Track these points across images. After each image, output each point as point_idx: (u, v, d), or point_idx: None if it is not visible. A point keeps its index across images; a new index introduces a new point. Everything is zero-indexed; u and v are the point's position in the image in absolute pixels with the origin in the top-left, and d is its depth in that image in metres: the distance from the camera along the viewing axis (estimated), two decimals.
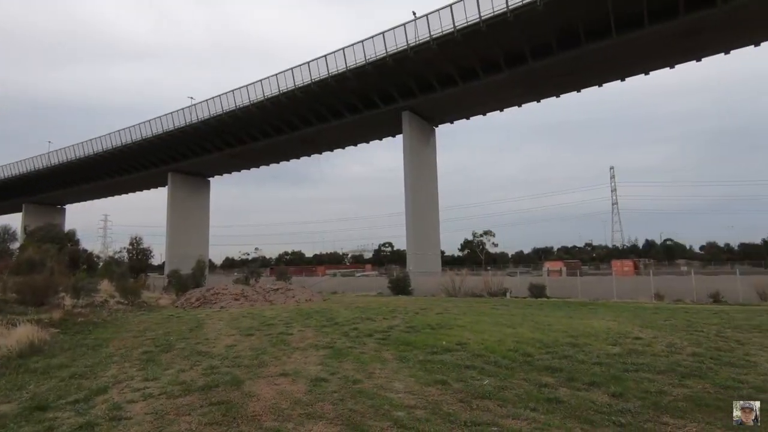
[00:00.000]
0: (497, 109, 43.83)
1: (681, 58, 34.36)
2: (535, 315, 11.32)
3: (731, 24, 29.24)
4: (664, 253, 72.85)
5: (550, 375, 5.24)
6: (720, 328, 8.65)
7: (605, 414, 3.87)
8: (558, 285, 26.08)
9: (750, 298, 18.10)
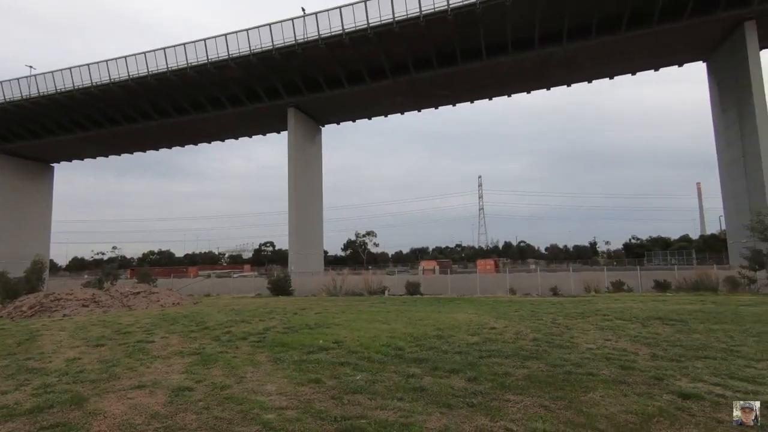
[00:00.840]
0: (382, 115, 45.49)
1: (535, 86, 39.87)
2: (409, 311, 12.04)
3: (571, 62, 34.92)
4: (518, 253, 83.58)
5: (418, 366, 5.63)
6: (555, 317, 10.26)
7: (461, 397, 4.31)
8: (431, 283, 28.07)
9: (579, 290, 21.77)
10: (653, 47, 32.96)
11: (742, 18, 29.08)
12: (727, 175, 33.03)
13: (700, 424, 3.55)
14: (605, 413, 3.83)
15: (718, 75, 33.47)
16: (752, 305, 11.97)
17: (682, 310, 11.13)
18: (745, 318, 9.37)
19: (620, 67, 36.62)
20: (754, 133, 29.05)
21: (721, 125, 33.45)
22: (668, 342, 6.95)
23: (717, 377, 4.89)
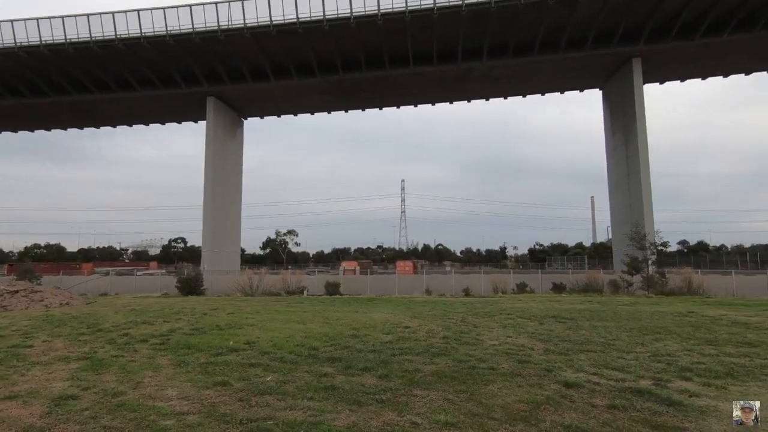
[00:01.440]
0: (308, 112, 44.81)
1: (457, 97, 41.95)
2: (327, 311, 11.99)
3: (489, 78, 37.33)
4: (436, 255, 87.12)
5: (331, 365, 5.64)
6: (465, 316, 10.88)
7: (371, 394, 4.40)
8: (351, 283, 28.20)
9: (489, 291, 23.29)
10: (559, 72, 36.43)
11: (631, 54, 33.28)
12: (614, 190, 37.54)
13: (578, 409, 4.01)
14: (501, 403, 4.16)
15: (611, 102, 37.95)
16: (628, 305, 13.73)
17: (573, 309, 12.42)
18: (621, 316, 10.72)
19: (531, 86, 39.93)
20: (636, 155, 33.38)
21: (611, 146, 37.95)
22: (559, 338, 7.72)
23: (595, 368, 5.55)
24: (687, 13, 29.74)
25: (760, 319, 9.98)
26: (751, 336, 7.82)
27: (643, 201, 32.36)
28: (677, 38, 31.57)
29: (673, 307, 12.65)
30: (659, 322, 9.65)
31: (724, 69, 36.60)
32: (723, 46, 31.94)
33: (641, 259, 20.20)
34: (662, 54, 32.99)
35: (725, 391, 4.62)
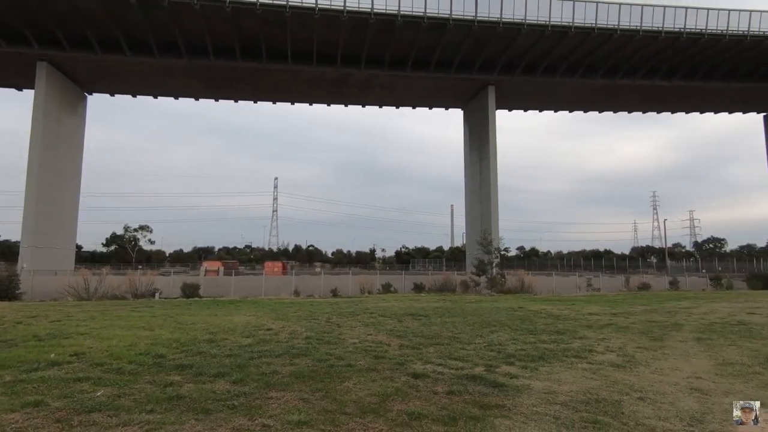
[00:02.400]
0: (172, 95, 40.59)
1: (335, 100, 42.44)
2: (181, 315, 10.98)
3: (366, 86, 38.71)
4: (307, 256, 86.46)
5: (179, 373, 5.20)
6: (330, 316, 11.04)
7: (222, 400, 4.18)
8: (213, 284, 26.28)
9: (357, 292, 23.99)
10: (429, 90, 39.63)
11: (487, 82, 37.90)
12: (469, 200, 42.17)
13: (422, 397, 4.42)
14: (354, 398, 4.35)
15: (470, 122, 42.62)
16: (474, 302, 15.53)
17: (428, 307, 13.57)
18: (467, 312, 12.09)
19: (404, 99, 42.60)
20: (487, 171, 38.06)
21: (468, 161, 42.59)
22: (414, 333, 8.37)
23: (441, 359, 6.17)
24: (531, 54, 35.09)
25: (569, 312, 12.25)
26: (560, 326, 9.55)
27: (491, 211, 37.02)
28: (522, 74, 37.01)
29: (508, 304, 14.73)
30: (496, 316, 11.15)
31: (555, 105, 44.12)
32: (554, 86, 38.48)
33: (487, 262, 23.08)
34: (511, 85, 38.31)
35: (537, 371, 5.57)
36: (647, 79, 37.44)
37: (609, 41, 33.25)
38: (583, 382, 5.10)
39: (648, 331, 8.84)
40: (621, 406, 4.27)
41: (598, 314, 11.75)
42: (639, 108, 44.31)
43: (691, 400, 4.50)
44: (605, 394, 4.63)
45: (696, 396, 4.66)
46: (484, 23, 31.86)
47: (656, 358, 6.47)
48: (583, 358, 6.39)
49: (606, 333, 8.64)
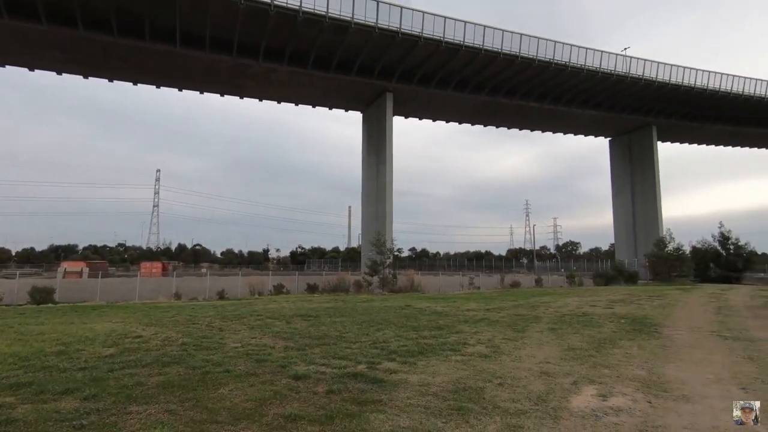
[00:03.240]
0: (24, 66, 34.40)
1: (229, 91, 40.00)
2: (26, 324, 9.36)
3: (264, 80, 37.21)
4: (193, 256, 79.96)
5: (14, 393, 4.42)
6: (212, 320, 10.36)
7: (68, 421, 3.66)
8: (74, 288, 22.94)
9: (246, 293, 22.88)
10: (330, 90, 39.52)
11: (386, 88, 39.09)
12: (366, 202, 43.03)
13: (301, 399, 4.38)
14: (228, 405, 4.14)
15: (368, 126, 43.54)
16: (366, 302, 15.88)
17: (320, 307, 13.51)
18: (357, 311, 12.32)
19: (304, 97, 41.90)
20: (384, 174, 39.25)
21: (366, 164, 43.45)
22: (301, 335, 8.26)
23: (325, 359, 6.19)
24: (427, 66, 37.09)
25: (449, 309, 13.21)
26: (441, 322, 10.25)
27: (386, 213, 38.25)
28: (419, 84, 38.95)
29: (397, 302, 15.36)
30: (384, 315, 11.54)
31: (447, 116, 47.24)
32: (446, 99, 41.19)
33: (379, 263, 23.80)
34: (408, 93, 40.04)
35: (415, 366, 5.90)
36: (523, 100, 42.18)
37: (494, 63, 36.76)
38: (455, 373, 5.54)
39: (513, 324, 9.94)
40: (483, 392, 4.73)
41: (475, 310, 12.86)
42: (517, 125, 49.69)
43: (540, 383, 5.17)
44: (471, 383, 5.09)
45: (544, 378, 5.36)
46: (385, 31, 32.87)
47: (517, 347, 7.30)
48: (457, 351, 6.94)
49: (479, 327, 9.49)
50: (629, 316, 11.14)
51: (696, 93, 40.73)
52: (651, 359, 6.50)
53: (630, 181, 48.34)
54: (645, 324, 9.89)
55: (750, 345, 7.56)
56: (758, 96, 41.55)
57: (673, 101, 42.46)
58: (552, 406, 4.33)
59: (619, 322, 10.13)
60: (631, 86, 40.04)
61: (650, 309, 12.80)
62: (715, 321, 10.44)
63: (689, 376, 5.58)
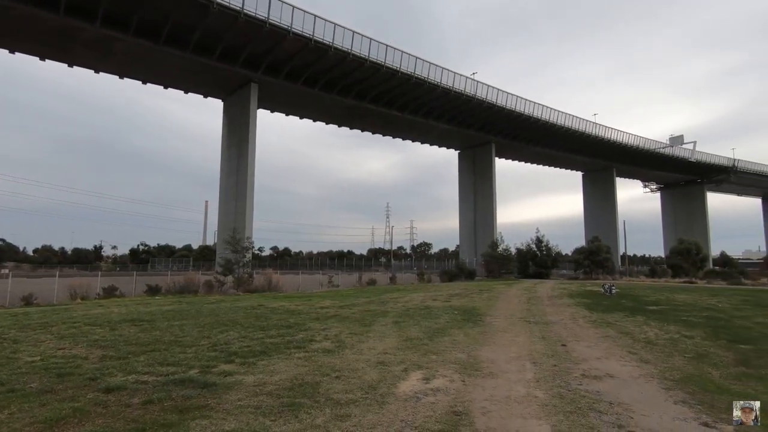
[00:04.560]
0: None
1: (55, 56, 33.30)
2: None
3: (104, 48, 31.97)
4: None
5: None
6: (6, 330, 8.45)
7: None
8: None
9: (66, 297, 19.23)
10: (186, 72, 35.88)
11: (251, 79, 37.16)
12: (224, 198, 40.21)
13: (109, 414, 3.84)
14: (7, 431, 3.40)
15: (230, 116, 40.83)
16: (215, 303, 14.80)
17: (158, 311, 12.11)
18: (203, 313, 11.39)
19: (154, 76, 37.25)
20: (245, 169, 37.23)
21: (226, 157, 40.64)
22: (127, 341, 7.28)
23: (150, 366, 5.55)
24: (296, 62, 36.40)
25: (304, 307, 13.15)
26: (292, 320, 10.12)
27: (246, 210, 36.34)
28: (286, 79, 37.99)
29: (249, 302, 14.67)
30: (233, 315, 10.91)
31: (314, 115, 47.11)
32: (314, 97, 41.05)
33: (235, 262, 22.45)
34: (275, 88, 38.72)
35: (255, 366, 5.70)
36: (387, 108, 44.54)
37: (361, 68, 37.97)
38: (295, 370, 5.51)
39: (362, 319, 10.36)
40: (319, 387, 4.80)
41: (329, 307, 13.05)
42: (381, 131, 52.17)
43: (375, 372, 5.47)
44: (310, 378, 5.13)
45: (379, 368, 5.70)
46: (252, 18, 31.16)
47: (361, 341, 7.62)
48: (302, 348, 6.92)
49: (329, 324, 9.65)
50: (462, 308, 12.61)
51: (524, 119, 48.34)
52: (472, 344, 7.45)
53: (473, 190, 54.88)
54: (473, 314, 11.31)
55: (545, 327, 9.25)
56: (566, 127, 51.27)
57: (507, 123, 49.62)
58: (381, 393, 4.62)
59: (453, 314, 11.38)
60: (477, 107, 45.52)
61: (479, 301, 14.70)
62: (525, 309, 12.52)
63: (498, 356, 6.54)
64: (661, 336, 8.29)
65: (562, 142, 54.57)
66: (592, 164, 63.31)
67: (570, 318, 10.75)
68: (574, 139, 53.82)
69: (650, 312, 11.83)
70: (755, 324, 9.84)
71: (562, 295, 17.14)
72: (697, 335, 8.30)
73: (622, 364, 6.10)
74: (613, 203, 64.64)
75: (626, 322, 9.97)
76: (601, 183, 66.25)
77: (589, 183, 68.24)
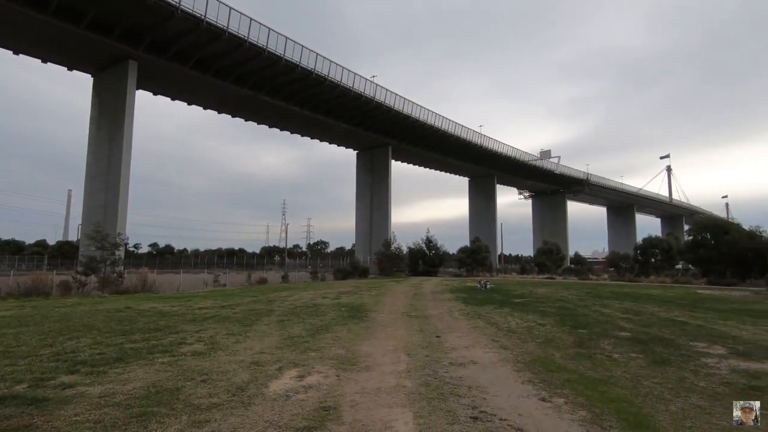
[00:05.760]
0: None
1: None
2: None
3: None
4: None
5: None
6: None
7: None
8: None
9: None
10: (47, 37, 30.65)
11: (129, 55, 33.08)
12: (91, 187, 35.18)
13: None
14: None
15: (101, 94, 35.87)
16: (68, 307, 12.82)
17: None
18: (51, 319, 9.78)
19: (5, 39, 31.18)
20: (119, 156, 33.00)
21: (94, 140, 35.58)
22: None
23: None
24: (185, 43, 33.32)
25: (180, 308, 12.08)
26: (162, 323, 9.22)
27: (119, 202, 32.27)
28: (173, 60, 34.60)
29: (114, 305, 13.01)
30: (89, 320, 9.56)
31: (204, 102, 43.72)
32: (205, 83, 38.12)
33: (100, 260, 19.75)
34: (159, 68, 35.01)
35: (105, 375, 5.04)
36: (284, 102, 43.18)
37: (258, 57, 36.20)
38: (154, 376, 5.00)
39: (244, 319, 9.86)
40: (180, 392, 4.41)
41: (209, 308, 12.18)
42: (278, 125, 50.42)
43: (246, 374, 5.22)
44: (170, 384, 4.69)
45: (252, 369, 5.45)
46: None
47: (238, 341, 7.23)
48: (168, 352, 6.32)
49: (206, 325, 8.99)
50: (350, 305, 12.75)
51: (419, 125, 50.82)
52: (353, 339, 7.55)
53: (370, 190, 56.09)
54: (360, 310, 11.50)
55: (424, 321, 9.79)
56: (456, 135, 55.19)
57: (405, 128, 51.67)
58: (249, 394, 4.41)
59: (341, 311, 11.44)
60: (376, 109, 46.60)
61: (368, 298, 15.02)
62: (409, 304, 13.13)
63: (375, 350, 6.72)
64: (521, 325, 9.33)
65: (454, 149, 58.57)
66: (477, 171, 69.04)
67: (447, 311, 11.54)
68: (463, 148, 58.15)
69: (515, 304, 13.27)
70: (593, 312, 11.62)
71: (444, 291, 18.36)
72: (549, 323, 9.51)
73: (485, 351, 6.71)
74: (494, 207, 71.32)
75: (494, 314, 11.03)
76: (484, 189, 72.61)
77: (474, 188, 74.29)
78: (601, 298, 15.49)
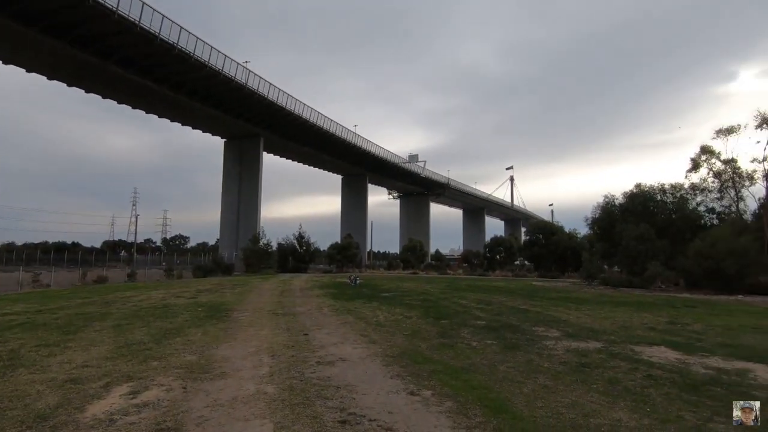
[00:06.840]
0: None
1: None
2: None
3: None
4: None
5: None
6: None
7: None
8: None
9: None
10: None
11: None
12: None
13: None
14: None
15: None
16: None
17: None
18: None
19: None
20: None
21: None
22: None
23: None
24: None
25: None
26: None
27: None
28: None
29: None
30: None
31: (29, 65, 35.62)
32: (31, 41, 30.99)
33: None
34: None
35: None
36: (139, 76, 37.46)
37: (107, 20, 30.65)
38: None
39: (68, 325, 8.05)
40: None
41: (19, 313, 9.73)
42: (130, 102, 43.60)
43: (56, 395, 4.08)
44: None
45: (66, 388, 4.30)
46: None
47: (52, 354, 5.76)
48: None
49: (7, 335, 7.06)
50: (209, 304, 11.48)
51: (293, 117, 49.24)
52: (209, 343, 6.65)
53: (239, 182, 52.51)
54: (220, 310, 10.39)
55: (291, 318, 9.24)
56: (331, 132, 55.05)
57: (278, 119, 49.55)
58: (54, 423, 3.39)
59: (197, 311, 10.18)
60: (248, 96, 43.69)
61: (231, 296, 13.79)
62: (276, 302, 12.38)
63: (235, 353, 5.99)
64: (389, 318, 9.45)
65: (329, 146, 58.34)
66: (351, 170, 70.11)
67: (316, 308, 11.16)
68: (338, 145, 58.34)
69: (383, 298, 13.55)
70: (453, 303, 12.48)
71: (314, 287, 17.95)
72: (414, 315, 9.84)
73: (354, 347, 6.51)
74: (365, 206, 73.31)
75: (364, 308, 11.03)
76: (356, 187, 74.11)
77: (346, 186, 75.30)
78: (458, 291, 16.84)
